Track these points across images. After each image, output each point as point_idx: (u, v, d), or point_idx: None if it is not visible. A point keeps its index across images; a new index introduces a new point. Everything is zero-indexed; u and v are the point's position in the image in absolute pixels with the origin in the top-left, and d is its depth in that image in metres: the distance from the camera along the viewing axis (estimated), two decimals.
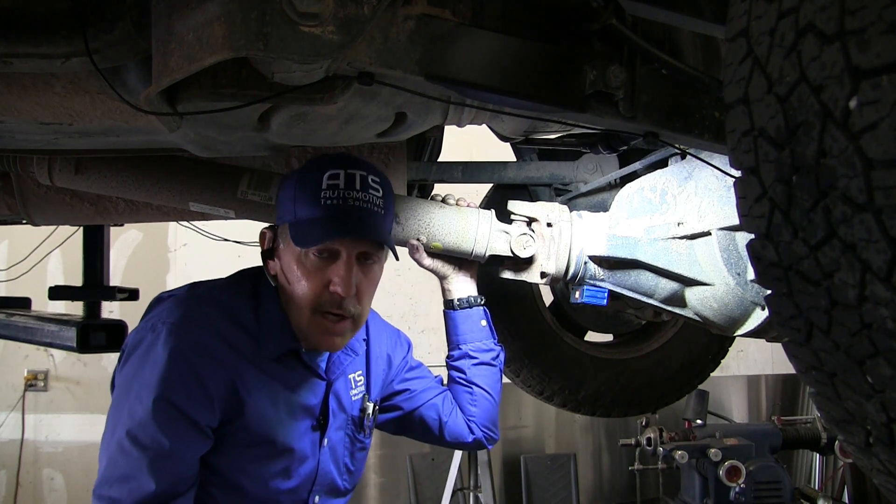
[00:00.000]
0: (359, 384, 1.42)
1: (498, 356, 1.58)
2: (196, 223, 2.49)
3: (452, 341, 1.59)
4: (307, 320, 1.22)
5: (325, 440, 1.34)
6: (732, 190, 0.69)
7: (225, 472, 1.20)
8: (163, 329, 1.16)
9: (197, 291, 1.26)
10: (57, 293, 2.43)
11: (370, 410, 1.42)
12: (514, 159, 2.07)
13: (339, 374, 1.37)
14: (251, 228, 1.39)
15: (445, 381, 1.62)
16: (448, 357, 1.60)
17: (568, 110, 1.03)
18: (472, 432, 1.55)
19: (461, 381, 1.56)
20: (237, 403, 1.18)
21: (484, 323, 1.58)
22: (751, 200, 0.64)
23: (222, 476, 1.20)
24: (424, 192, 2.00)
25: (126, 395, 1.14)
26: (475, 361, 1.55)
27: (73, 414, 4.37)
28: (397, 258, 1.30)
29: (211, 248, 2.89)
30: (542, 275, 1.56)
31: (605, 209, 1.67)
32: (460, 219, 1.54)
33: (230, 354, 1.18)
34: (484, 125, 1.52)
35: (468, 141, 2.63)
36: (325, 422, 1.33)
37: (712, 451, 3.06)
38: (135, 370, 1.15)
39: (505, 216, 1.59)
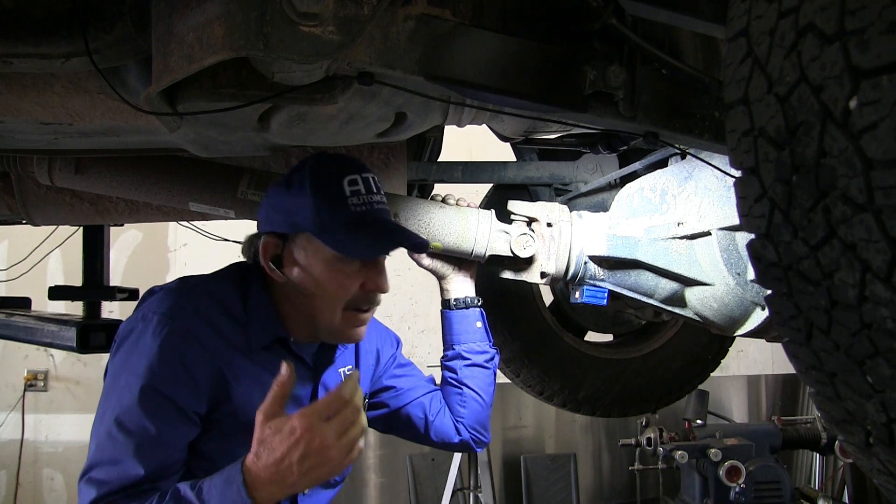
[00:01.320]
0: None
1: (492, 359, 1.58)
2: (196, 223, 2.49)
3: (447, 341, 1.59)
4: (340, 317, 1.26)
5: None
6: (732, 190, 0.69)
7: (214, 458, 1.21)
8: (153, 318, 1.18)
9: (188, 283, 1.28)
10: (57, 293, 2.43)
11: None
12: (514, 159, 2.07)
13: (327, 366, 1.38)
14: (251, 228, 1.39)
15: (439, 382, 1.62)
16: (442, 357, 1.60)
17: (568, 110, 1.03)
18: (458, 433, 1.54)
19: (452, 381, 1.56)
20: (224, 390, 1.20)
21: (479, 324, 1.58)
22: (751, 200, 0.64)
23: (212, 462, 1.20)
24: (424, 192, 2.00)
25: (115, 383, 1.16)
26: (468, 362, 1.55)
27: (73, 414, 4.37)
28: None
29: (211, 248, 2.89)
30: (542, 275, 1.56)
31: (605, 209, 1.67)
32: (460, 219, 1.54)
33: (218, 342, 1.20)
34: (484, 125, 1.52)
35: (468, 141, 2.63)
36: None
37: (712, 451, 3.06)
38: (124, 359, 1.17)
39: (505, 216, 1.59)
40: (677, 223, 1.46)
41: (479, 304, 1.59)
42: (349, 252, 1.21)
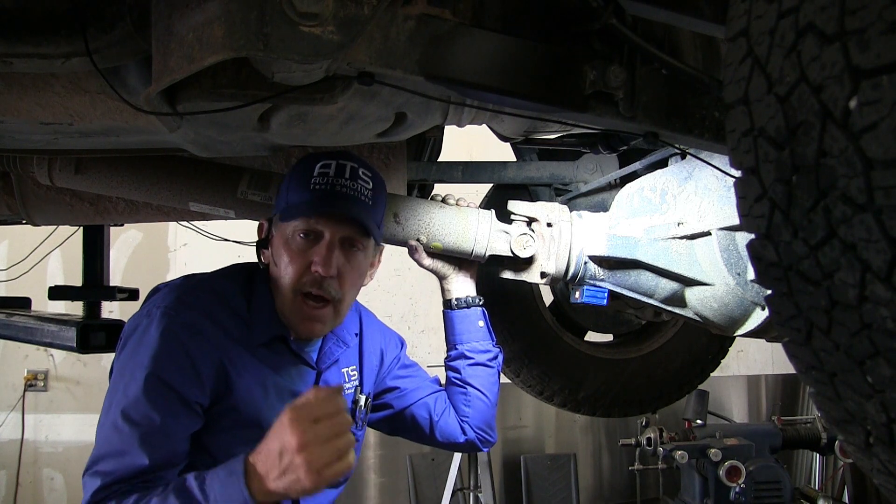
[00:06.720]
0: (352, 378, 1.44)
1: (495, 357, 1.58)
2: (196, 223, 2.49)
3: (450, 341, 1.59)
4: (289, 302, 1.26)
5: None
6: (732, 190, 0.69)
7: (218, 454, 1.21)
8: (156, 312, 1.20)
9: (192, 279, 1.30)
10: (57, 293, 2.43)
11: (362, 403, 1.44)
12: (514, 159, 2.07)
13: (329, 365, 1.38)
14: (251, 228, 1.40)
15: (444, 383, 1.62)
16: (445, 357, 1.60)
17: (568, 110, 1.03)
18: (464, 433, 1.54)
19: (456, 381, 1.56)
20: (226, 383, 1.21)
21: (481, 323, 1.58)
22: (751, 200, 0.64)
23: (215, 458, 1.20)
24: (424, 192, 2.00)
25: (121, 377, 1.17)
26: (471, 361, 1.55)
27: (73, 414, 4.37)
28: (378, 243, 1.35)
29: (211, 248, 2.89)
30: (542, 275, 1.56)
31: (605, 209, 1.67)
32: (460, 219, 1.54)
33: (220, 336, 1.22)
34: (484, 125, 1.52)
35: (468, 141, 2.63)
36: None
37: (712, 451, 3.06)
38: (130, 354, 1.19)
39: (505, 216, 1.59)
40: (677, 223, 1.46)
41: (481, 303, 1.59)
42: (286, 216, 1.25)
